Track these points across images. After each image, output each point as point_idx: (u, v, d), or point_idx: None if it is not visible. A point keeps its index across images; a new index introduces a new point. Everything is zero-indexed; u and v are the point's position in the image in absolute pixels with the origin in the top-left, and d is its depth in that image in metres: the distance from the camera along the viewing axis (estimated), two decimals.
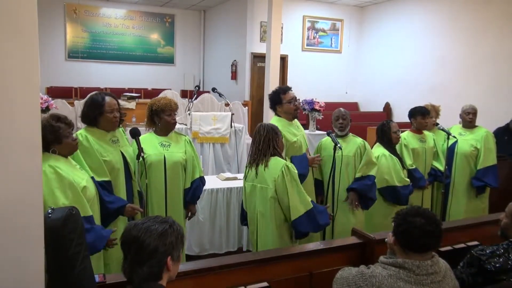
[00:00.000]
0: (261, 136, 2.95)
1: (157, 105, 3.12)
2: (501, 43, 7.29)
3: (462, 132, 4.56)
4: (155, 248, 1.45)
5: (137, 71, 11.18)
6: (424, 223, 1.77)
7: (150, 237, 1.45)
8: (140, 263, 1.45)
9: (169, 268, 1.48)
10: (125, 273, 1.50)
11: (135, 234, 1.47)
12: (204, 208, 4.09)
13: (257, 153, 2.94)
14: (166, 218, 1.56)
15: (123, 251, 1.51)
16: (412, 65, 8.98)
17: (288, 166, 2.87)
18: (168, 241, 1.47)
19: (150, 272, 1.45)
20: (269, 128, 2.96)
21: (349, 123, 3.68)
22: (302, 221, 2.83)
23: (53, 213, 1.79)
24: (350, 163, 3.57)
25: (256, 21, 9.44)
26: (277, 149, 2.94)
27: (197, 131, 5.71)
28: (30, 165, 1.67)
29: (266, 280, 2.22)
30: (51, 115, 2.44)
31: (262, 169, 2.88)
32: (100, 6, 10.68)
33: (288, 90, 3.57)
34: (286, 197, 2.82)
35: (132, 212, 2.77)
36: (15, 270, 1.68)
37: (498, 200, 4.47)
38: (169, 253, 1.48)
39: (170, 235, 1.49)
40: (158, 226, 1.48)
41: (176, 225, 1.54)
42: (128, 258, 1.48)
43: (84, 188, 2.39)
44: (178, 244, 1.52)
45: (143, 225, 1.49)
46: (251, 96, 9.59)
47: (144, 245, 1.44)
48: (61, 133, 2.37)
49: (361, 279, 1.80)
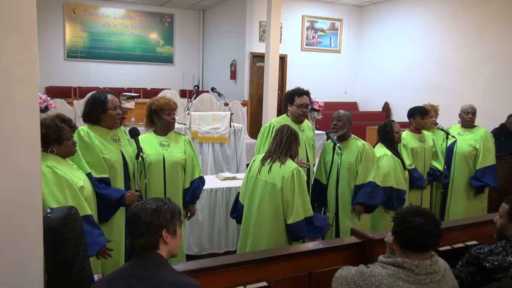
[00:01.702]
0: (283, 136, 2.97)
1: (156, 104, 3.12)
2: (500, 43, 7.29)
3: (461, 132, 4.57)
4: (149, 222, 1.66)
5: (136, 70, 11.17)
6: (423, 223, 1.78)
7: (145, 213, 1.68)
8: (139, 235, 1.66)
9: (165, 240, 1.69)
10: (130, 245, 1.72)
11: (134, 212, 1.70)
12: (203, 208, 4.09)
13: (277, 151, 2.95)
14: (163, 198, 1.78)
15: (128, 228, 1.73)
16: (411, 65, 8.99)
17: (300, 170, 2.88)
18: (161, 216, 1.68)
19: (147, 242, 1.66)
20: (292, 131, 3.00)
21: (347, 126, 3.57)
22: (300, 226, 2.83)
23: (52, 213, 1.80)
24: (352, 169, 3.49)
25: (255, 21, 9.43)
26: (292, 153, 2.98)
27: (196, 130, 5.71)
28: (29, 164, 1.67)
29: (265, 280, 2.22)
30: (57, 115, 2.46)
31: (278, 166, 2.89)
32: (99, 6, 10.66)
33: (303, 95, 3.58)
34: (290, 198, 2.82)
35: (132, 197, 2.77)
36: (15, 270, 1.68)
37: (497, 199, 4.47)
38: (164, 226, 1.68)
39: (164, 211, 1.70)
40: (153, 204, 1.71)
41: (171, 203, 1.76)
42: (131, 233, 1.70)
43: (81, 188, 2.40)
44: (173, 219, 1.72)
45: (141, 205, 1.72)
46: (250, 96, 9.59)
47: (141, 220, 1.67)
48: (63, 134, 2.40)
49: (360, 279, 1.80)
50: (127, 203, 2.76)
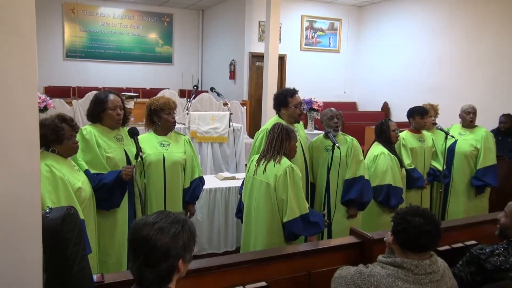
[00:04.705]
0: (274, 134, 2.98)
1: (156, 104, 3.12)
2: (499, 43, 7.30)
3: (462, 132, 4.57)
4: (167, 250, 1.37)
5: (135, 70, 11.16)
6: (423, 223, 1.78)
7: (163, 239, 1.37)
8: (151, 265, 1.37)
9: (180, 270, 1.43)
10: (133, 273, 1.44)
11: (146, 234, 1.38)
12: (203, 208, 4.09)
13: (270, 150, 2.96)
14: (178, 216, 1.45)
15: (131, 250, 1.44)
16: (410, 65, 8.99)
17: (293, 167, 2.88)
18: (180, 244, 1.40)
19: (161, 276, 1.39)
20: (282, 129, 2.99)
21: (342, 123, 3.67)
22: (295, 224, 2.82)
23: (51, 213, 1.79)
24: (343, 163, 3.55)
25: (254, 21, 9.43)
26: (286, 151, 2.96)
27: (195, 130, 5.71)
28: (28, 164, 1.67)
29: (264, 280, 2.22)
30: (57, 115, 2.47)
31: (273, 165, 2.89)
32: (98, 6, 10.65)
33: (295, 94, 3.55)
34: (284, 197, 2.82)
35: (127, 171, 2.72)
36: (13, 270, 1.68)
37: (496, 199, 4.48)
38: (181, 256, 1.41)
39: (183, 236, 1.41)
40: (171, 227, 1.40)
41: (188, 223, 1.46)
42: (137, 260, 1.40)
43: (78, 189, 2.40)
44: (191, 245, 1.45)
45: (154, 225, 1.39)
46: (249, 95, 9.58)
47: (156, 247, 1.36)
48: (63, 134, 2.40)
49: (360, 278, 1.80)
50: (125, 178, 2.71)
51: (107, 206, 2.75)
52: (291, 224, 2.81)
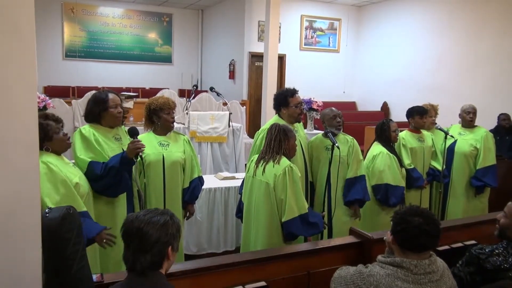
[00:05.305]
0: (272, 135, 2.98)
1: (155, 104, 3.12)
2: (498, 42, 7.30)
3: (462, 132, 4.56)
4: (157, 238, 1.53)
5: (134, 70, 11.15)
6: (422, 223, 1.78)
7: (153, 228, 1.54)
8: (143, 252, 1.53)
9: (170, 257, 1.58)
10: (127, 261, 1.57)
11: (138, 225, 1.54)
12: (202, 208, 4.09)
13: (269, 151, 2.96)
14: (165, 210, 1.64)
15: (125, 241, 1.58)
16: (410, 65, 8.99)
17: (292, 167, 2.87)
18: (169, 232, 1.56)
19: (152, 261, 1.54)
20: (280, 129, 2.99)
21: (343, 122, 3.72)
22: (294, 223, 2.81)
23: (50, 213, 1.79)
24: (344, 162, 3.56)
25: (254, 21, 9.43)
26: (285, 151, 2.96)
27: (195, 130, 5.71)
28: (28, 164, 1.67)
29: (264, 280, 2.22)
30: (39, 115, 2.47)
31: (272, 166, 2.88)
32: (98, 5, 10.64)
33: (295, 94, 3.55)
34: (283, 196, 2.81)
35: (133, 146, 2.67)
36: (13, 269, 1.68)
37: (495, 199, 4.49)
38: (170, 243, 1.57)
39: (171, 226, 1.58)
40: (160, 218, 1.57)
41: (175, 217, 1.63)
42: (130, 247, 1.55)
43: (76, 184, 2.42)
44: (177, 236, 1.61)
45: (145, 217, 1.56)
46: (249, 95, 9.58)
47: (147, 235, 1.53)
48: (50, 129, 2.42)
49: (359, 278, 1.80)
50: (130, 156, 2.68)
51: (116, 192, 2.76)
52: (289, 223, 2.81)
